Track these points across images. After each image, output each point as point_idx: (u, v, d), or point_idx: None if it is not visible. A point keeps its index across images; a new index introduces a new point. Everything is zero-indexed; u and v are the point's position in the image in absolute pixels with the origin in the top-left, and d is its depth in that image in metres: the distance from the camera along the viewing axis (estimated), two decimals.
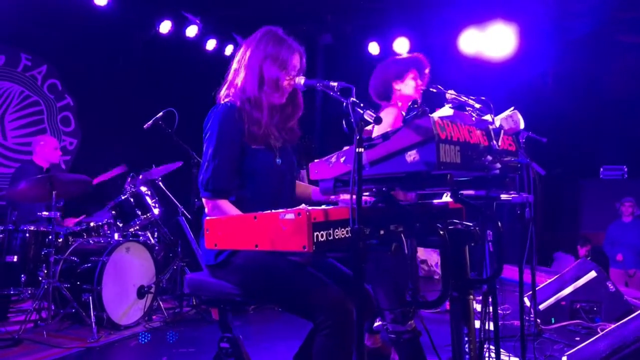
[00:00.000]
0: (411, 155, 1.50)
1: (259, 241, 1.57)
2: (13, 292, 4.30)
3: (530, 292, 3.90)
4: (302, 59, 2.25)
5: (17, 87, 5.79)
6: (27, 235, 4.37)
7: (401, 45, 7.30)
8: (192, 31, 7.03)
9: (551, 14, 6.31)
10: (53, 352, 3.67)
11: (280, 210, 1.55)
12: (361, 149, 1.45)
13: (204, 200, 2.11)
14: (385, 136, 1.53)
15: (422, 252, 6.79)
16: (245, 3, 6.80)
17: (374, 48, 7.49)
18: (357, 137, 1.44)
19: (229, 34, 7.44)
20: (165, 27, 6.70)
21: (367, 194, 2.13)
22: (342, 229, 1.58)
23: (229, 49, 7.62)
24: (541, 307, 4.42)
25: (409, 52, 7.23)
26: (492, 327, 2.53)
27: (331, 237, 1.55)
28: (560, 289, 4.52)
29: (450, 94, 2.83)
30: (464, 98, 2.35)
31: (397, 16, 7.08)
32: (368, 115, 1.48)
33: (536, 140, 4.04)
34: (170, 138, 4.75)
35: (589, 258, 6.27)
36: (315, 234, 1.49)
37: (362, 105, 1.53)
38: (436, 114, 1.62)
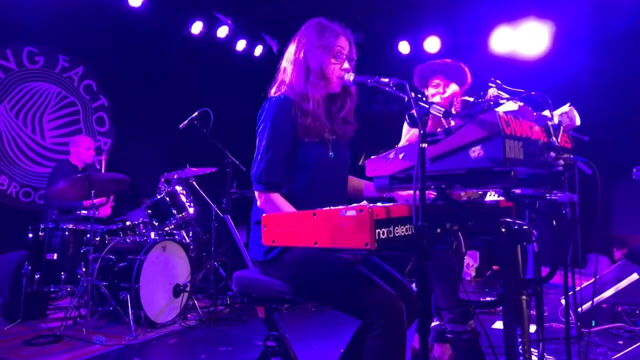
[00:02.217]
0: (475, 151, 1.46)
1: (318, 238, 1.55)
2: (53, 289, 4.38)
3: (570, 293, 3.82)
4: (351, 45, 2.21)
5: (54, 87, 5.89)
6: (67, 233, 4.44)
7: (432, 45, 7.22)
8: (222, 32, 7.07)
9: (587, 10, 6.18)
10: (93, 349, 3.71)
11: (340, 206, 1.53)
12: (425, 145, 1.42)
13: (256, 193, 2.10)
14: (447, 131, 1.50)
15: None
16: (275, 3, 6.81)
17: (404, 47, 7.43)
18: (422, 132, 1.41)
19: (259, 34, 7.47)
20: (197, 27, 6.75)
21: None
22: (402, 227, 1.56)
23: (258, 50, 7.64)
24: (581, 309, 4.33)
25: (440, 51, 7.16)
26: (532, 330, 2.48)
27: (392, 235, 1.52)
28: (601, 291, 4.42)
29: (494, 91, 2.78)
30: (505, 96, 2.30)
31: (428, 15, 7.00)
32: (435, 110, 1.46)
33: (577, 138, 3.95)
34: (204, 137, 4.78)
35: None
36: (377, 231, 1.46)
37: (425, 99, 1.50)
38: (501, 108, 1.58)
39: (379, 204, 1.67)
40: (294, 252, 2.00)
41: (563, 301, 3.98)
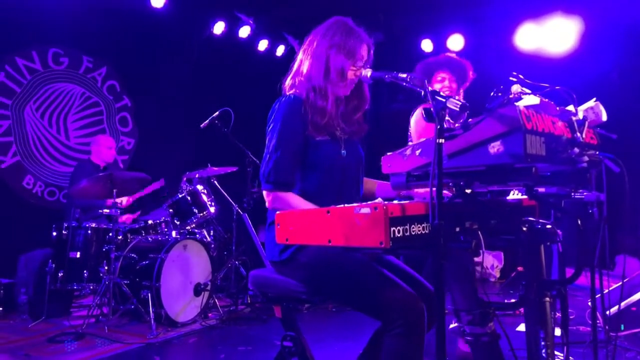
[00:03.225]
0: (495, 147, 1.41)
1: (332, 236, 1.52)
2: (76, 287, 4.43)
3: (598, 296, 3.70)
4: (370, 51, 2.19)
5: (78, 88, 5.97)
6: (89, 232, 4.49)
7: (455, 42, 7.12)
8: (244, 32, 7.08)
9: (617, 5, 6.00)
10: (114, 347, 3.74)
11: (355, 204, 1.50)
12: (442, 140, 1.37)
13: (264, 192, 2.08)
14: (465, 126, 1.45)
15: None
16: (297, 3, 6.78)
17: (427, 45, 7.34)
18: (438, 127, 1.37)
19: (281, 34, 7.46)
20: (219, 28, 6.77)
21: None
22: (419, 225, 1.51)
23: (280, 50, 7.64)
24: (609, 312, 4.20)
25: (464, 49, 7.05)
26: (557, 333, 2.40)
27: (407, 233, 1.48)
28: (630, 294, 4.28)
29: (517, 88, 2.71)
30: (528, 92, 2.23)
31: (451, 12, 6.90)
32: (452, 104, 1.41)
33: (605, 136, 3.84)
34: (225, 137, 4.79)
35: None
36: (392, 229, 1.42)
37: (442, 94, 1.46)
38: (521, 103, 1.52)
39: (395, 201, 1.63)
40: (308, 252, 1.97)
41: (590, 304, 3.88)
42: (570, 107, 1.77)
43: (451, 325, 2.97)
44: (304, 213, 1.61)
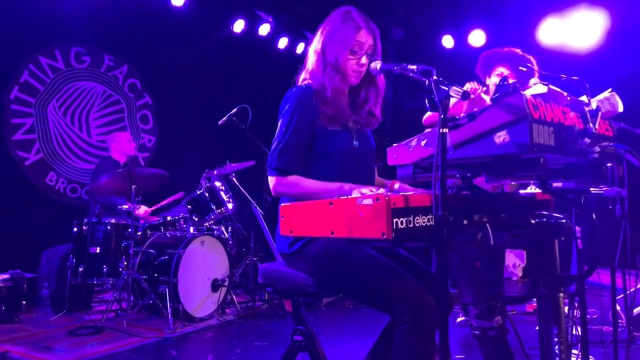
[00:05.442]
0: (501, 137, 1.38)
1: (335, 228, 1.51)
2: (96, 282, 4.50)
3: (621, 296, 3.62)
4: (375, 39, 2.14)
5: (100, 86, 6.05)
6: (109, 227, 4.55)
7: (477, 38, 7.02)
8: (264, 30, 7.10)
9: None
10: (133, 341, 3.79)
11: (357, 195, 1.48)
12: (445, 130, 1.34)
13: (269, 179, 2.08)
14: (471, 116, 1.42)
15: None
16: (316, 0, 6.76)
17: (447, 41, 7.25)
18: (442, 117, 1.34)
19: (300, 31, 7.45)
20: (238, 26, 6.80)
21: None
22: (424, 217, 1.49)
23: (300, 47, 7.63)
24: (633, 312, 4.10)
25: (485, 44, 6.96)
26: (575, 332, 2.35)
27: (411, 225, 1.46)
28: None
29: (535, 81, 2.65)
30: (544, 84, 2.18)
31: (472, 7, 6.81)
32: (454, 92, 1.38)
33: (629, 131, 3.73)
34: (243, 134, 4.80)
35: None
36: (394, 220, 1.40)
37: (446, 82, 1.43)
38: (528, 92, 1.49)
39: (401, 193, 1.60)
40: (318, 244, 1.96)
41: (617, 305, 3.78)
42: (583, 98, 1.72)
43: (458, 319, 2.93)
44: (307, 205, 1.60)
